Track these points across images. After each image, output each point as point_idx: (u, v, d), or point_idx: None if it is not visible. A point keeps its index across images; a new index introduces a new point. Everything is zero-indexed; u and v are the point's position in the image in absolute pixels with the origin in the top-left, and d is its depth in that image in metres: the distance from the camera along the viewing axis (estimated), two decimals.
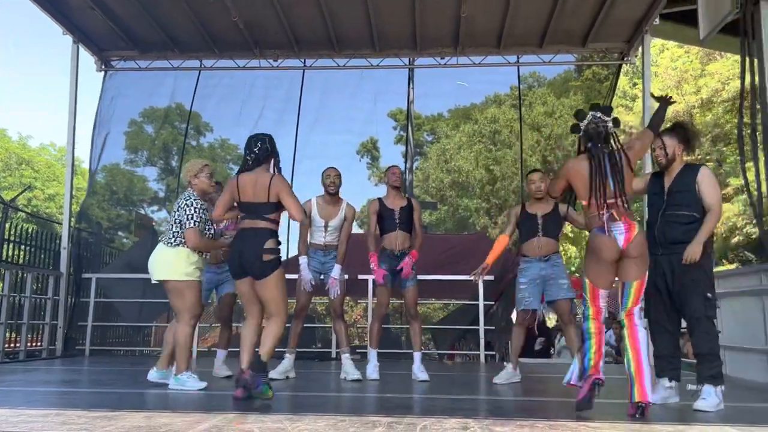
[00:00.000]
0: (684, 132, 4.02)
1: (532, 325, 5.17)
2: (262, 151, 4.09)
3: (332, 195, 5.30)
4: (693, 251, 3.73)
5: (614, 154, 3.56)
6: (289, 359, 5.28)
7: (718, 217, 3.81)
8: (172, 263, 4.39)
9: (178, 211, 4.44)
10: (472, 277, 5.23)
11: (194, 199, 4.47)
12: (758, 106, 5.44)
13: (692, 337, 3.84)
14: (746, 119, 5.59)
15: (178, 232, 4.41)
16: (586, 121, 3.62)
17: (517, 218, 5.19)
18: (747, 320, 5.24)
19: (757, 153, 5.42)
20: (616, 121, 3.60)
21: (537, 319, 5.17)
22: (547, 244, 5.01)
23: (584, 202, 3.59)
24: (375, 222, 5.42)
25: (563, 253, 20.99)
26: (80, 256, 8.56)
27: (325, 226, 5.25)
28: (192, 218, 4.37)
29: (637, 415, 3.36)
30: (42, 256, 8.83)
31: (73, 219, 8.60)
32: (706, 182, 3.85)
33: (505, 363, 5.77)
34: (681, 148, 3.96)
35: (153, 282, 4.53)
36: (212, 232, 4.60)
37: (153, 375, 4.68)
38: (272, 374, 5.04)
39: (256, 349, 3.94)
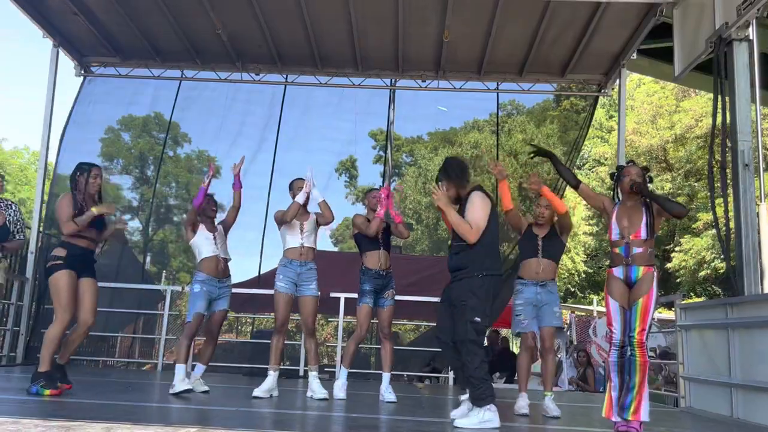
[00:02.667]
0: (444, 168, 4.16)
1: (535, 348, 5.08)
2: None
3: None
4: (438, 195, 3.94)
5: None
6: (273, 377, 5.12)
7: (470, 232, 3.85)
8: None
9: None
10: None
11: None
12: (728, 144, 5.59)
13: (461, 359, 3.95)
14: (717, 156, 5.73)
15: None
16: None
17: (521, 231, 5.10)
18: (711, 353, 5.31)
19: (726, 189, 5.55)
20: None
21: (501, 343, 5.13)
22: (547, 266, 4.91)
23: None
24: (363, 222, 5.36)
25: None
26: (47, 263, 8.36)
27: (301, 228, 5.23)
28: None
29: None
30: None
31: (42, 224, 8.43)
32: (468, 205, 3.96)
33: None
34: (448, 185, 4.08)
35: None
36: None
37: None
38: (256, 392, 4.95)
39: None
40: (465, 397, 4.09)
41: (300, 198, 5.14)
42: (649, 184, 4.00)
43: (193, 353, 6.98)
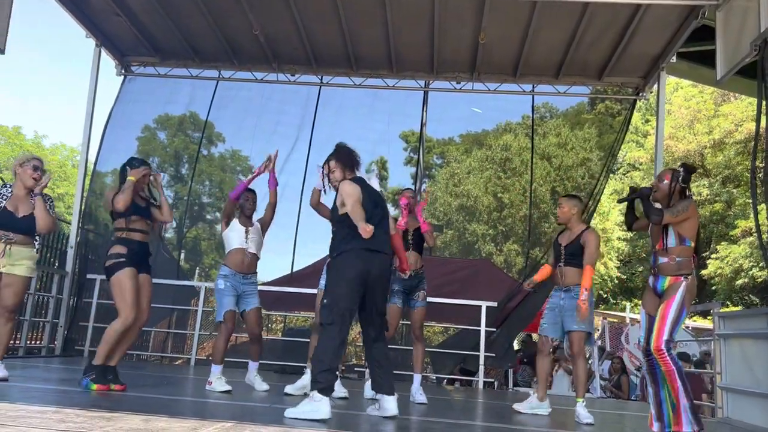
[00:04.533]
0: (337, 151, 4.23)
1: (553, 353, 5.12)
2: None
3: None
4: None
5: None
6: (309, 375, 5.06)
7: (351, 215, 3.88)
8: None
9: None
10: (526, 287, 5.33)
11: None
12: None
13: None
14: (759, 162, 5.60)
15: None
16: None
17: (553, 248, 5.18)
18: (751, 363, 5.19)
19: None
20: None
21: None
22: (567, 273, 4.89)
23: (692, 243, 3.84)
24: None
25: None
26: (86, 257, 8.58)
27: None
28: None
29: None
30: (48, 254, 8.85)
31: (81, 220, 8.63)
32: (339, 197, 4.03)
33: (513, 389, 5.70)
34: (336, 166, 4.17)
35: None
36: None
37: None
38: (288, 389, 4.98)
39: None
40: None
41: (319, 184, 4.92)
42: (682, 184, 3.88)
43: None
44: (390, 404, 3.89)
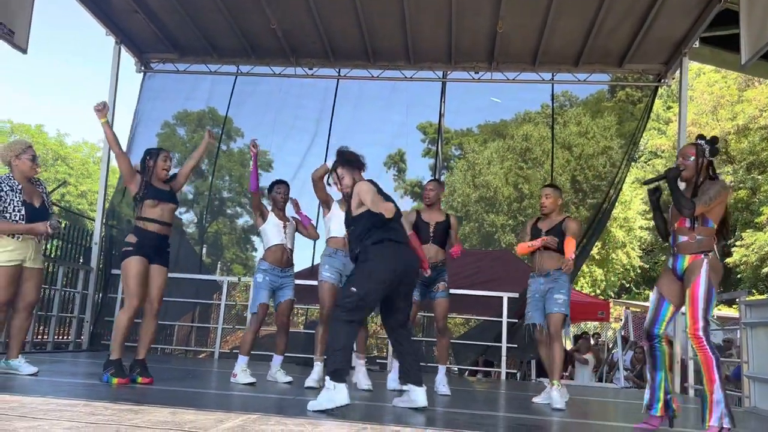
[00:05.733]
0: (344, 157, 4.22)
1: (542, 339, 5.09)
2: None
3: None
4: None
5: None
6: (320, 367, 5.11)
7: (387, 211, 3.84)
8: None
9: None
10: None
11: (3, 183, 4.50)
12: None
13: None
14: None
15: None
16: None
17: (529, 232, 5.19)
18: None
19: None
20: None
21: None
22: (546, 259, 4.95)
23: (715, 225, 3.66)
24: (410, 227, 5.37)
25: (588, 274, 20.72)
26: (110, 253, 8.70)
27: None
28: None
29: None
30: (72, 251, 8.99)
31: (105, 216, 8.74)
32: (356, 198, 4.02)
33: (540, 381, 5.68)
34: (344, 171, 4.18)
35: None
36: (22, 213, 4.52)
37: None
38: (308, 383, 4.99)
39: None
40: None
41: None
42: (710, 158, 3.69)
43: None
44: (419, 396, 3.87)
